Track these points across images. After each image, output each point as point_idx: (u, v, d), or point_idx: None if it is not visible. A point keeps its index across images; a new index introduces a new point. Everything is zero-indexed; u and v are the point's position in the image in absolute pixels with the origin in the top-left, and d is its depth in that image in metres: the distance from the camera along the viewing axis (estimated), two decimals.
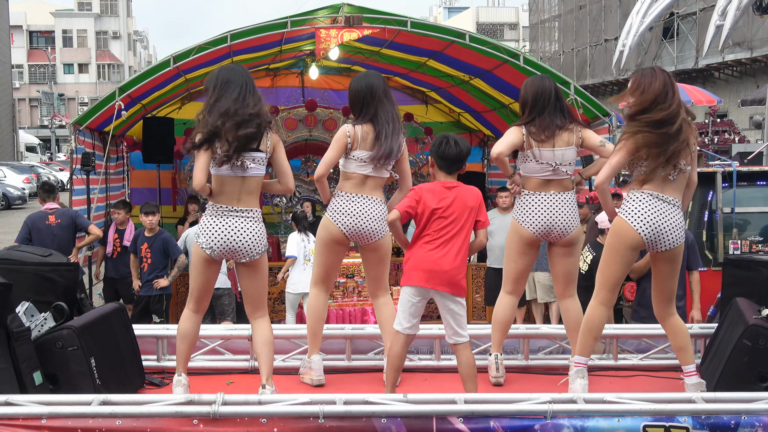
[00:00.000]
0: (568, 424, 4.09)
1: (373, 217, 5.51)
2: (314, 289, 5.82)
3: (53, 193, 9.96)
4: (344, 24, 10.43)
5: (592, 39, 36.60)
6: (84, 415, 4.04)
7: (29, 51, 75.19)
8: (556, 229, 5.53)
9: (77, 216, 9.83)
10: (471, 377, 5.09)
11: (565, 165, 5.50)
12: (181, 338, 5.29)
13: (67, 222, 9.57)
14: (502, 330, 5.76)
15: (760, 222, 9.75)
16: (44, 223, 9.45)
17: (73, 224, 9.65)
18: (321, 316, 5.78)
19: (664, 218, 4.98)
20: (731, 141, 19.58)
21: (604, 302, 5.20)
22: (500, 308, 5.78)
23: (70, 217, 9.67)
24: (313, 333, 5.76)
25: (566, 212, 5.52)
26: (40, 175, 37.88)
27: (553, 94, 5.56)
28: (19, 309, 4.83)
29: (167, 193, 14.82)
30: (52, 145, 60.63)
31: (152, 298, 9.77)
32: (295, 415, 4.09)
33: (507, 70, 11.42)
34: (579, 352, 5.29)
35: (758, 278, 5.60)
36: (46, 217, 9.51)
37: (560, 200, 5.52)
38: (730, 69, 28.96)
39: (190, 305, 5.29)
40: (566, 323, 5.76)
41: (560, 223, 5.51)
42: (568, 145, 5.50)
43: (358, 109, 5.56)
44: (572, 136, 5.52)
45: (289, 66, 14.87)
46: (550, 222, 5.51)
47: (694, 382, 5.03)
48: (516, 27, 72.40)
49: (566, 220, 5.52)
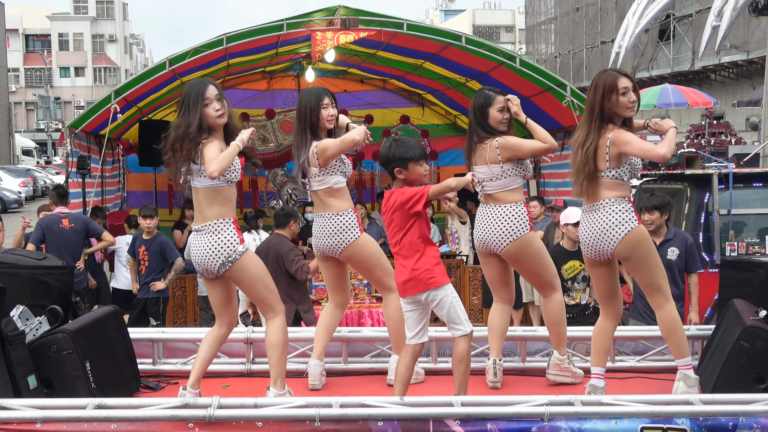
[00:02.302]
0: (565, 426, 4.07)
1: (325, 233, 5.62)
2: (329, 302, 6.00)
3: (66, 198, 9.98)
4: (340, 26, 10.43)
5: (588, 41, 36.63)
6: (79, 419, 4.02)
7: (25, 54, 75.07)
8: (489, 242, 5.57)
9: (90, 221, 9.88)
10: (457, 368, 5.07)
11: (487, 180, 5.53)
12: (203, 348, 5.27)
13: (80, 227, 9.58)
14: (498, 337, 5.76)
15: (756, 224, 9.75)
16: (58, 226, 9.44)
17: (86, 229, 9.66)
18: (327, 328, 5.87)
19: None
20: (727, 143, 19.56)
21: (605, 316, 5.34)
22: (493, 316, 5.82)
23: (83, 222, 9.69)
24: (317, 338, 5.83)
25: (491, 224, 5.53)
26: (36, 178, 37.86)
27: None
28: (14, 312, 4.81)
29: (163, 197, 14.80)
30: (48, 148, 60.54)
31: (149, 301, 9.76)
32: (291, 419, 4.07)
33: (503, 72, 11.43)
34: (593, 364, 5.36)
35: (756, 279, 5.58)
36: (59, 220, 9.49)
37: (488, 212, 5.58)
38: (727, 71, 28.99)
39: (217, 322, 5.31)
40: (546, 321, 5.82)
41: (489, 236, 5.54)
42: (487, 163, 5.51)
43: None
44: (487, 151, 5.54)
45: (285, 69, 14.87)
46: (480, 234, 5.60)
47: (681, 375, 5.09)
48: (512, 29, 72.50)
49: (491, 232, 5.53)
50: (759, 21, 20.72)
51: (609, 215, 5.04)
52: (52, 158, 57.37)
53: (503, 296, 5.80)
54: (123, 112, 10.65)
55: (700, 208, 9.41)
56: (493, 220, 5.50)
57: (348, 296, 6.07)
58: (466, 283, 11.70)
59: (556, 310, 5.72)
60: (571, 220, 7.94)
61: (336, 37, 10.51)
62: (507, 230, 5.46)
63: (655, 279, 5.13)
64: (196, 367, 5.15)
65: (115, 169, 13.58)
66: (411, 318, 5.09)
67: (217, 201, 5.02)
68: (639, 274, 5.16)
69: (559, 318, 5.72)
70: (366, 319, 9.60)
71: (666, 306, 5.13)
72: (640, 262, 5.09)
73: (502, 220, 5.47)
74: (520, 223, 5.46)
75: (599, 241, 5.07)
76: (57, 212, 9.66)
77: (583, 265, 8.05)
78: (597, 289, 5.41)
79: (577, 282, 8.11)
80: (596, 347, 5.33)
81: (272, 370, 5.18)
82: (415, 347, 5.11)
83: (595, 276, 5.33)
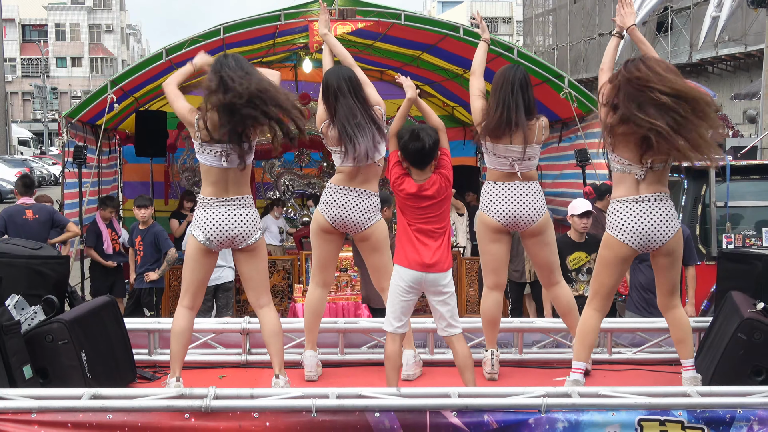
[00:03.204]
0: (562, 418, 4.07)
1: (357, 208, 5.51)
2: (311, 284, 5.84)
3: (32, 188, 9.84)
4: (338, 17, 10.38)
5: (585, 33, 36.54)
6: (74, 410, 4.01)
7: (22, 44, 74.87)
8: (522, 219, 5.52)
9: (55, 212, 9.69)
10: (469, 368, 5.09)
11: (525, 160, 5.49)
12: (176, 337, 5.22)
13: (44, 218, 9.40)
14: (492, 327, 5.73)
15: (753, 216, 9.74)
16: (21, 217, 9.27)
17: (51, 220, 9.48)
18: (315, 311, 5.75)
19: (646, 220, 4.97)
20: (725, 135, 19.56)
21: (598, 309, 5.22)
22: (486, 306, 5.72)
23: (48, 213, 9.51)
24: (308, 328, 5.75)
25: (527, 199, 5.51)
26: (33, 169, 37.77)
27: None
28: (9, 302, 4.80)
29: (160, 187, 14.78)
30: (44, 139, 60.43)
31: (143, 291, 9.75)
32: (287, 409, 4.06)
33: (501, 63, 11.35)
34: (576, 358, 5.26)
35: (753, 272, 5.58)
36: (23, 211, 9.33)
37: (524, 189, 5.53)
38: (724, 63, 28.93)
39: (185, 301, 5.23)
40: (559, 310, 5.77)
41: (522, 210, 5.50)
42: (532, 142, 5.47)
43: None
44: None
45: (282, 59, 14.82)
46: (511, 209, 5.50)
47: (690, 376, 5.02)
48: (510, 21, 72.43)
49: (526, 207, 5.50)
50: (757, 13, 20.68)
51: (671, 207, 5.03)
52: (48, 149, 57.21)
53: (502, 280, 5.74)
54: (119, 103, 10.61)
55: (697, 201, 9.39)
56: (528, 196, 5.49)
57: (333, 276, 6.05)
58: (462, 275, 11.69)
59: (569, 297, 5.75)
60: (577, 211, 7.88)
61: (333, 27, 10.45)
62: (541, 205, 5.53)
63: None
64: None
65: (112, 159, 13.53)
66: (408, 305, 5.09)
67: (248, 178, 5.22)
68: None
69: (573, 303, 5.74)
70: (362, 311, 9.59)
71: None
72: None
73: (537, 195, 5.53)
74: (544, 201, 5.60)
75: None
76: (21, 203, 9.50)
77: (589, 256, 8.02)
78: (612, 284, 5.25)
79: (582, 274, 8.06)
80: (588, 341, 5.22)
81: (277, 358, 5.19)
82: (397, 337, 5.12)
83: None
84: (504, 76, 5.45)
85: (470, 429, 4.04)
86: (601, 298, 5.18)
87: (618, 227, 4.97)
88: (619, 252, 5.01)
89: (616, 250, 5.01)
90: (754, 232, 9.59)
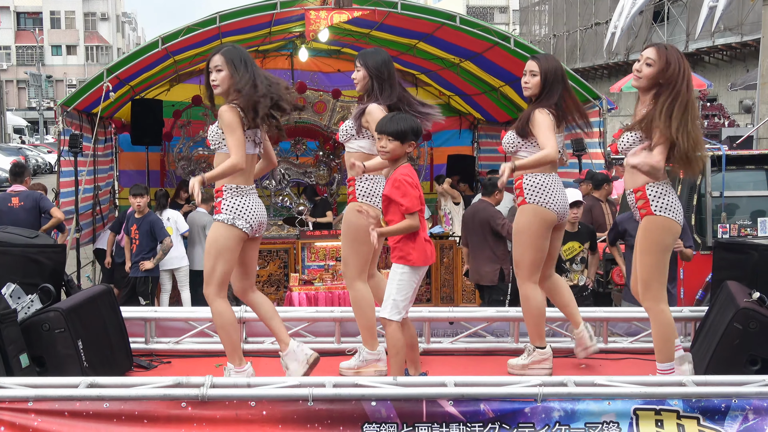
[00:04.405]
0: (558, 407, 4.09)
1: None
2: (359, 283, 5.46)
3: (21, 176, 9.88)
4: (334, 5, 10.35)
5: (582, 22, 36.51)
6: (71, 398, 4.02)
7: (17, 32, 74.60)
8: (566, 212, 5.53)
9: (41, 198, 9.74)
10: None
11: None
12: (234, 327, 5.10)
13: (31, 204, 9.47)
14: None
15: (748, 206, 9.74)
16: (7, 205, 9.36)
17: (37, 207, 9.54)
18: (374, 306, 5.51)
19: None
20: (721, 125, 19.61)
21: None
22: (540, 300, 5.45)
23: (34, 200, 9.56)
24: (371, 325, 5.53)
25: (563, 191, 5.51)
26: (28, 157, 37.72)
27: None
28: (5, 291, 4.80)
29: (155, 175, 14.73)
30: (39, 127, 60.29)
31: (138, 280, 9.74)
32: (284, 398, 4.08)
33: (497, 52, 11.38)
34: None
35: (749, 261, 5.59)
36: (9, 199, 9.41)
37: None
38: (720, 53, 28.95)
39: (222, 293, 5.06)
40: (560, 300, 5.70)
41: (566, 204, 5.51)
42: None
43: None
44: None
45: (278, 48, 14.77)
46: (565, 203, 5.48)
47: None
48: (506, 10, 72.16)
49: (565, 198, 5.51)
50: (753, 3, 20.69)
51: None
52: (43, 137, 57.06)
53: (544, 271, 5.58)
54: (115, 91, 10.58)
55: (692, 191, 9.39)
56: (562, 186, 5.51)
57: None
58: (458, 264, 11.69)
59: (566, 287, 5.74)
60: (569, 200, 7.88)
61: (330, 16, 10.44)
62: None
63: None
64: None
65: (108, 147, 13.49)
66: (413, 291, 5.10)
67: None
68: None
69: (570, 292, 5.74)
70: None
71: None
72: None
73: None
74: None
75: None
76: (10, 191, 9.56)
77: (582, 246, 8.03)
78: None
79: (576, 263, 8.07)
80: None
81: (281, 334, 5.18)
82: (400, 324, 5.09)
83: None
84: (556, 67, 5.43)
85: (466, 418, 4.06)
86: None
87: (675, 209, 4.93)
88: (677, 234, 5.01)
89: (674, 231, 4.96)
90: (750, 222, 9.59)
